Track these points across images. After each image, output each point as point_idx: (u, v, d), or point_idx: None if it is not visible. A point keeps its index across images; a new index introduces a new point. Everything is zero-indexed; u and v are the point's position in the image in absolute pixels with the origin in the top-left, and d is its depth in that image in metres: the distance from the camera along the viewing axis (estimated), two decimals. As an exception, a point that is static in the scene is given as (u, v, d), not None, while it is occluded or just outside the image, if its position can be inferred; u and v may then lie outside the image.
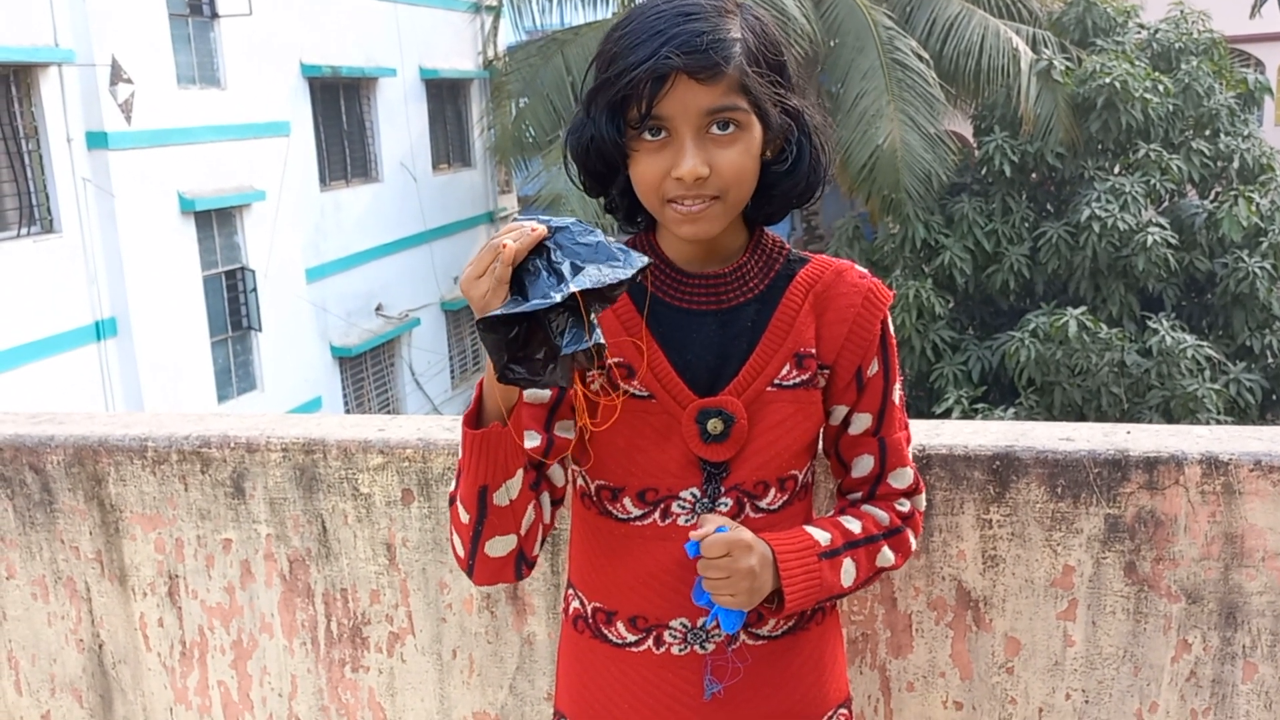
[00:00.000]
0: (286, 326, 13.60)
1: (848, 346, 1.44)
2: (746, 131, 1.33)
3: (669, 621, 1.46)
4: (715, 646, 1.47)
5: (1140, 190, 12.89)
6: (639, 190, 1.38)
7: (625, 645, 1.49)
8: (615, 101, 1.32)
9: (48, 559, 2.26)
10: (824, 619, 1.54)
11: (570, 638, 1.58)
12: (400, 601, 2.07)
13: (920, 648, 1.82)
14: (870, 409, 1.47)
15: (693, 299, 1.44)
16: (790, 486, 1.46)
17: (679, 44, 1.29)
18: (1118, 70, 13.05)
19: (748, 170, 1.35)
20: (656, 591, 1.45)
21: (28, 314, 10.22)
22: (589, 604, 1.53)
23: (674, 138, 1.32)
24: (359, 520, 2.06)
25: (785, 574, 1.37)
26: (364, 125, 16.19)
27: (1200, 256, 13.47)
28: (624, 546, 1.46)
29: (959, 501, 1.75)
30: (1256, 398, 12.83)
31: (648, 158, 1.34)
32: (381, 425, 2.09)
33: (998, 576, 1.76)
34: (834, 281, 1.45)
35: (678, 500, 1.43)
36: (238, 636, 2.18)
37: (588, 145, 1.39)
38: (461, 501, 1.40)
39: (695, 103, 1.30)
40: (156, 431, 2.16)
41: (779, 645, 1.49)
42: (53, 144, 10.55)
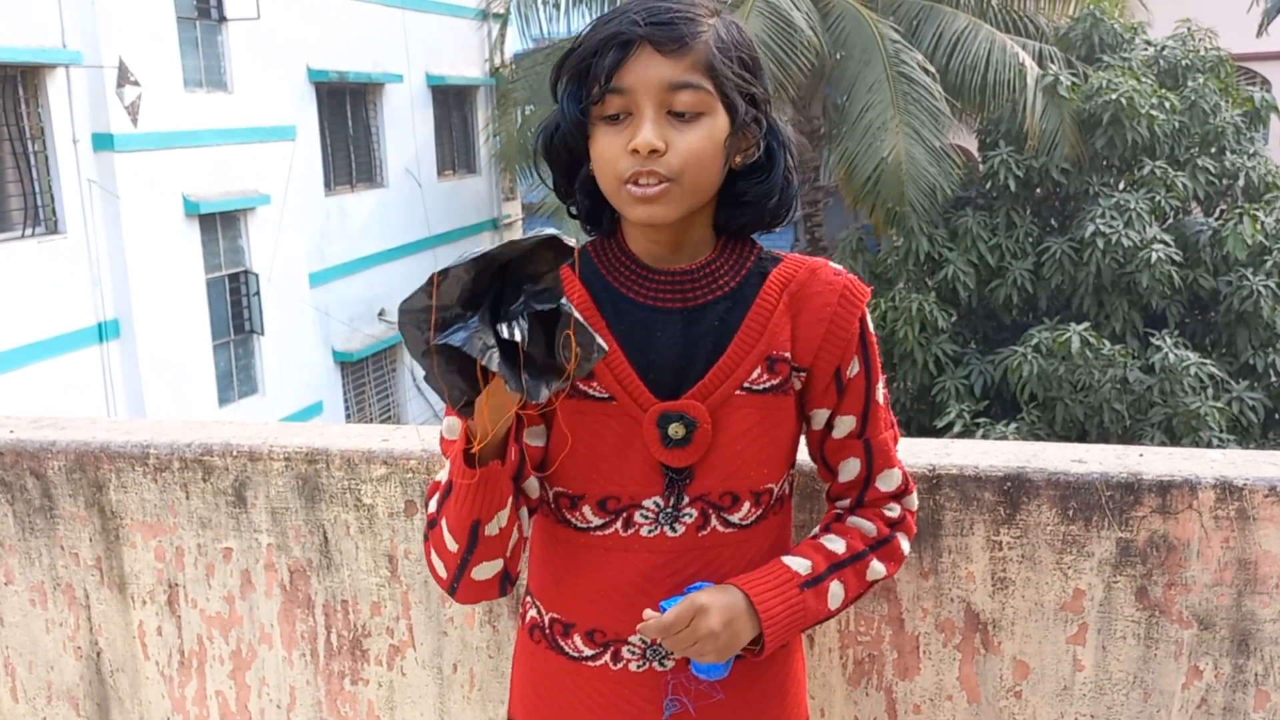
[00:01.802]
0: (289, 331, 13.59)
1: (825, 347, 1.39)
2: (709, 116, 1.31)
3: (628, 637, 1.43)
4: (675, 664, 1.43)
5: (1145, 207, 12.88)
6: (599, 173, 1.35)
7: (582, 659, 1.46)
8: (579, 73, 1.32)
9: (47, 565, 2.24)
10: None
11: (526, 647, 1.54)
12: (401, 614, 2.05)
13: (928, 670, 1.80)
14: (854, 410, 1.43)
15: (658, 295, 1.39)
16: (765, 500, 1.42)
17: (645, 14, 1.28)
18: (1124, 86, 13.04)
19: (707, 154, 1.31)
20: (616, 604, 1.41)
21: (31, 315, 10.21)
22: (546, 614, 1.49)
23: (635, 115, 1.30)
24: (361, 531, 2.04)
25: (764, 613, 1.36)
26: (370, 130, 16.20)
27: (1204, 274, 13.45)
28: (584, 557, 1.43)
29: (969, 522, 1.73)
30: (1259, 416, 12.80)
31: (607, 138, 1.32)
32: (385, 435, 2.07)
33: (1007, 599, 1.74)
34: (809, 280, 1.41)
35: (640, 509, 1.39)
36: (237, 646, 2.16)
37: (553, 135, 1.37)
38: (450, 532, 1.34)
39: (657, 74, 1.29)
40: (159, 438, 2.14)
41: (740, 667, 1.45)
42: (59, 145, 10.55)
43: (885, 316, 12.78)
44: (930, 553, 1.75)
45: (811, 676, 1.85)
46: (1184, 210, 13.93)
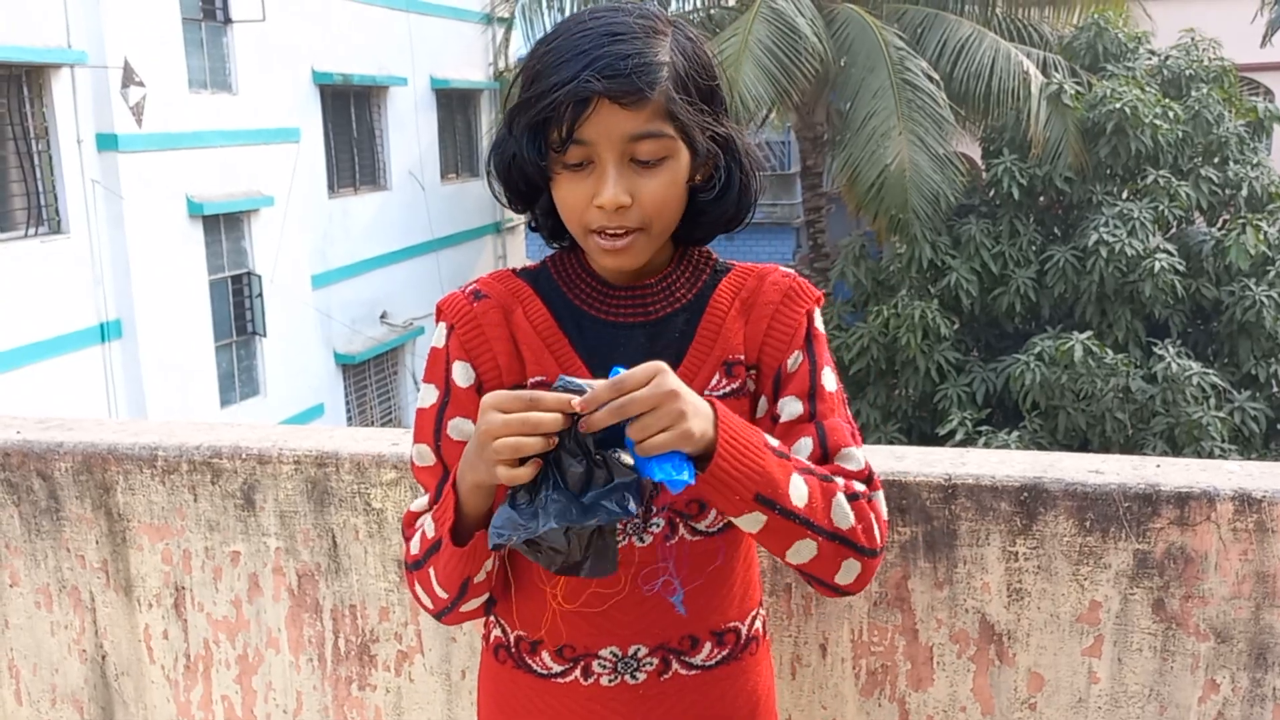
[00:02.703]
0: (291, 332, 13.59)
1: (768, 343, 1.39)
2: (672, 160, 1.29)
3: (598, 650, 1.40)
4: (647, 676, 1.40)
5: (1148, 216, 12.88)
6: (563, 215, 1.34)
7: (551, 676, 1.43)
8: (536, 123, 1.28)
9: (52, 567, 2.23)
10: (756, 649, 1.48)
11: (491, 668, 1.51)
12: (410, 620, 2.04)
13: (941, 681, 1.79)
14: (798, 393, 1.38)
15: (620, 311, 1.40)
16: None
17: (601, 67, 1.24)
18: (1128, 96, 13.05)
19: (672, 201, 1.31)
20: (585, 618, 1.39)
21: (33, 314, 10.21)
22: (512, 633, 1.46)
23: (597, 164, 1.28)
24: (370, 536, 2.02)
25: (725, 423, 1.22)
26: (374, 133, 16.20)
27: (1207, 284, 13.45)
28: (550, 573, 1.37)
29: (984, 533, 1.72)
30: (1261, 427, 12.79)
31: (570, 185, 1.30)
32: (395, 439, 2.06)
33: (1022, 610, 1.73)
34: (757, 285, 1.41)
35: None
36: (243, 651, 2.15)
37: (509, 163, 1.35)
38: (439, 584, 1.36)
39: (618, 128, 1.26)
40: (167, 440, 2.13)
41: (711, 676, 1.43)
42: (63, 145, 10.55)
43: (888, 323, 12.79)
44: (945, 563, 1.74)
45: (823, 687, 1.84)
46: (1187, 220, 13.93)
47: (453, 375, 1.41)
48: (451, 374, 1.41)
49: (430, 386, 1.44)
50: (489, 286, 1.44)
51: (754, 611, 1.47)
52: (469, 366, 1.40)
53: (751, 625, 1.47)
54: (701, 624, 1.41)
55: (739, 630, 1.45)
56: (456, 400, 1.41)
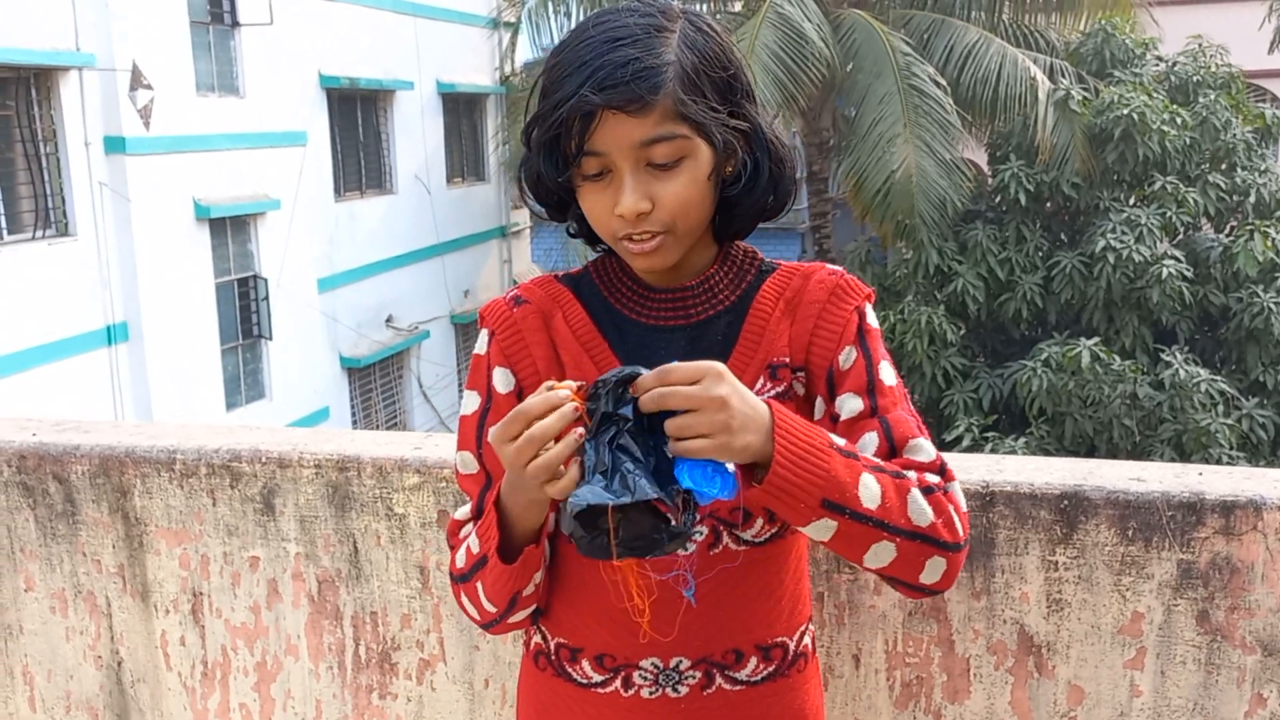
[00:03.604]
0: (297, 336, 13.57)
1: (815, 343, 1.35)
2: (691, 159, 1.26)
3: (639, 661, 1.36)
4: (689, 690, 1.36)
5: (1156, 222, 12.84)
6: (592, 225, 1.33)
7: (591, 686, 1.39)
8: (550, 139, 1.27)
9: (68, 572, 2.19)
10: (805, 665, 1.44)
11: (531, 675, 1.48)
12: (432, 627, 2.00)
13: (978, 693, 1.75)
14: (856, 389, 1.33)
15: (660, 314, 1.37)
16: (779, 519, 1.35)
17: (601, 78, 1.21)
18: (1135, 102, 13.01)
19: (694, 200, 1.28)
20: (625, 628, 1.35)
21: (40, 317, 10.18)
22: (552, 640, 1.43)
23: (615, 173, 1.26)
24: (392, 541, 1.99)
25: (783, 431, 1.16)
26: (380, 137, 16.19)
27: (1215, 290, 13.41)
28: (592, 578, 1.36)
29: (1023, 542, 1.68)
30: (1269, 434, 12.74)
31: (593, 196, 1.29)
32: (417, 443, 2.03)
33: (1062, 621, 1.69)
34: (802, 285, 1.37)
35: None
36: (262, 658, 2.12)
37: (535, 179, 1.34)
38: (487, 598, 1.36)
39: (627, 136, 1.23)
40: (185, 443, 2.10)
41: (757, 693, 1.39)
42: (70, 148, 10.54)
43: (894, 329, 12.74)
44: (982, 572, 1.71)
45: (856, 699, 1.80)
46: (1194, 226, 13.89)
47: (494, 382, 1.39)
48: (493, 380, 1.39)
49: (472, 393, 1.42)
50: (530, 292, 1.42)
51: (803, 627, 1.43)
52: (509, 373, 1.39)
53: (800, 641, 1.43)
54: (746, 637, 1.37)
55: (786, 645, 1.41)
56: (498, 407, 1.39)
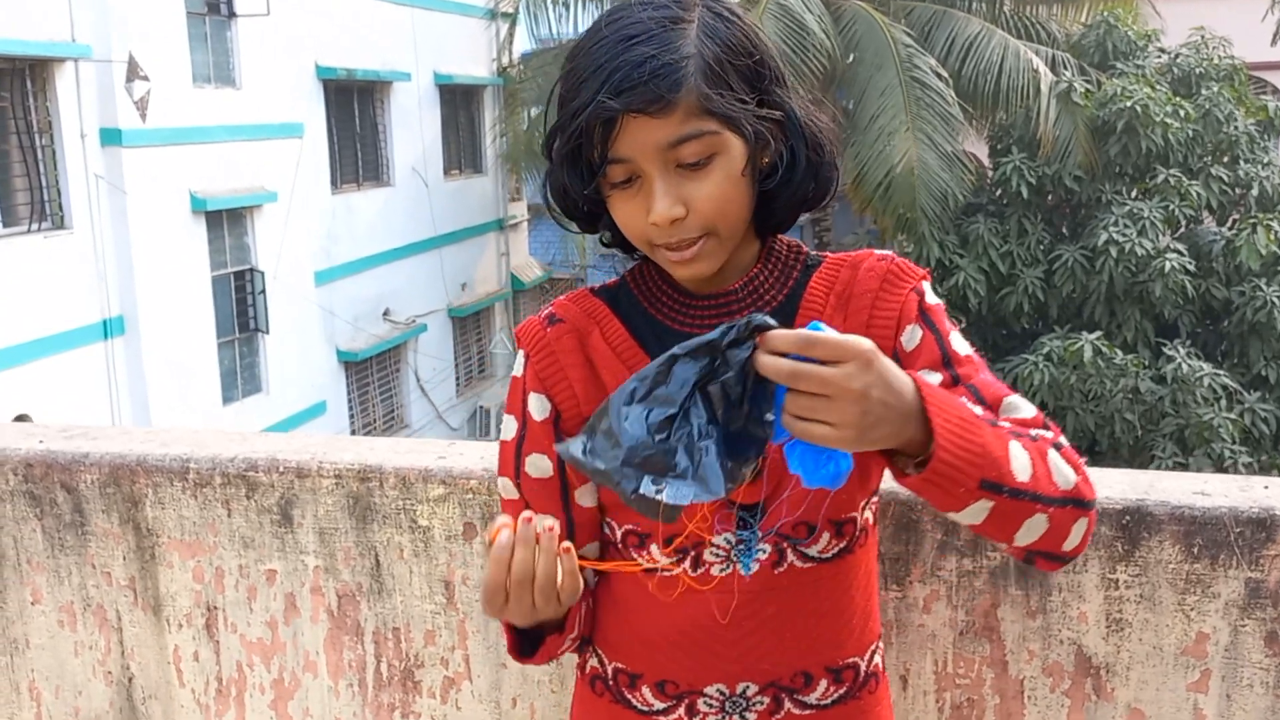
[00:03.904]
0: (294, 329, 13.47)
1: (871, 333, 1.22)
2: (722, 155, 1.17)
3: (703, 688, 1.29)
4: (756, 717, 1.29)
5: (1159, 216, 12.79)
6: (627, 235, 1.25)
7: (652, 713, 1.32)
8: (572, 151, 1.19)
9: (77, 584, 2.11)
10: (876, 686, 1.36)
11: (587, 700, 1.41)
12: (457, 644, 1.93)
13: (1032, 716, 1.68)
14: (930, 365, 1.24)
15: (704, 322, 1.28)
16: (848, 531, 1.29)
17: (618, 81, 1.13)
18: (1139, 94, 12.95)
19: (731, 198, 1.19)
20: (688, 653, 1.29)
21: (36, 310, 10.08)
22: (609, 664, 1.36)
23: (643, 178, 1.18)
24: (416, 555, 1.91)
25: (936, 410, 1.04)
26: (377, 129, 16.09)
27: (1217, 284, 13.37)
28: (651, 599, 1.29)
29: (1082, 559, 1.61)
30: (1271, 428, 12.70)
31: (623, 205, 1.21)
32: (441, 453, 1.95)
33: (1123, 642, 1.62)
34: (851, 276, 1.28)
35: (710, 548, 1.27)
36: (279, 675, 2.04)
37: (562, 193, 1.26)
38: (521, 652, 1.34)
39: (652, 139, 1.15)
40: (199, 452, 2.02)
41: (828, 717, 1.31)
42: (66, 140, 10.43)
43: (896, 323, 12.65)
44: (1039, 591, 1.63)
45: None
46: (1196, 220, 13.84)
47: (529, 408, 1.32)
48: (528, 406, 1.32)
49: (510, 418, 1.35)
50: (564, 309, 1.34)
51: (874, 645, 1.36)
52: (544, 399, 1.31)
53: (871, 660, 1.35)
54: (816, 659, 1.30)
55: (857, 666, 1.33)
56: (533, 435, 1.32)
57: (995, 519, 1.10)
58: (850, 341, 1.00)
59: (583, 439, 1.07)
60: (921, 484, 1.06)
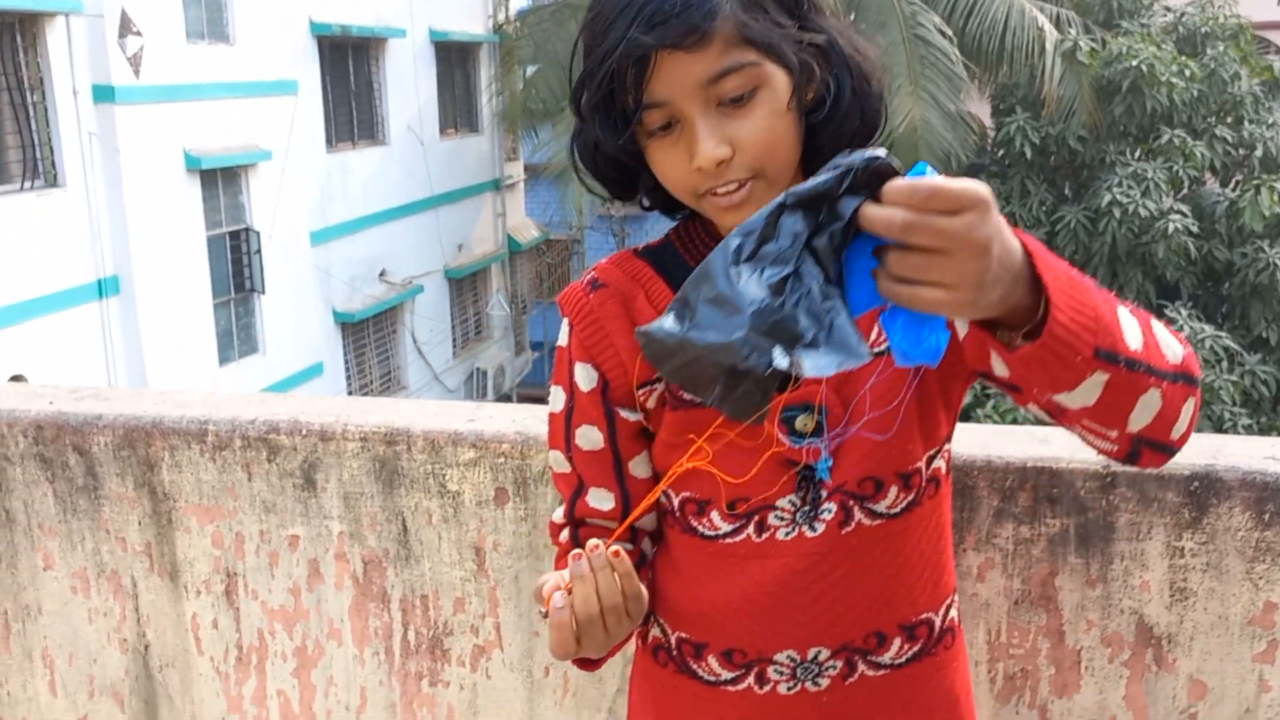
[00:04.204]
0: (290, 290, 13.35)
1: None
2: (766, 88, 1.09)
3: (773, 655, 1.23)
4: (830, 682, 1.22)
5: (1162, 177, 12.68)
6: (669, 187, 1.16)
7: (719, 683, 1.26)
8: (603, 99, 1.11)
9: (90, 550, 2.05)
10: (952, 641, 1.30)
11: (648, 670, 1.35)
12: (488, 611, 1.87)
13: (1089, 687, 1.62)
14: None
15: None
16: (915, 483, 1.21)
17: (650, 14, 1.05)
18: (1144, 53, 12.80)
19: (779, 134, 1.10)
20: (755, 619, 1.22)
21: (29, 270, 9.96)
22: (673, 633, 1.30)
23: (683, 122, 1.10)
24: (445, 520, 1.85)
25: (1047, 269, 0.91)
26: (372, 87, 15.87)
27: (1219, 246, 13.29)
28: (716, 567, 1.24)
29: (1146, 526, 1.54)
30: (1271, 390, 12.67)
31: (663, 155, 1.13)
32: (471, 415, 1.87)
33: (1186, 611, 1.56)
34: None
35: (774, 511, 1.20)
36: (302, 643, 1.98)
37: (594, 152, 1.17)
38: None
39: (689, 76, 1.07)
40: (217, 414, 1.94)
41: (903, 675, 1.25)
42: (58, 96, 10.26)
43: (897, 284, 12.58)
44: (1099, 559, 1.57)
45: (953, 690, 1.67)
46: (1199, 181, 13.74)
47: (575, 379, 1.25)
48: (574, 377, 1.25)
49: (558, 389, 1.28)
50: (607, 273, 1.26)
51: (948, 599, 1.29)
52: (590, 368, 1.24)
53: (946, 615, 1.28)
54: (889, 617, 1.23)
55: (932, 622, 1.26)
56: (581, 407, 1.26)
57: (1110, 396, 0.97)
58: (970, 187, 0.86)
59: (673, 315, 0.90)
60: (1033, 356, 0.93)
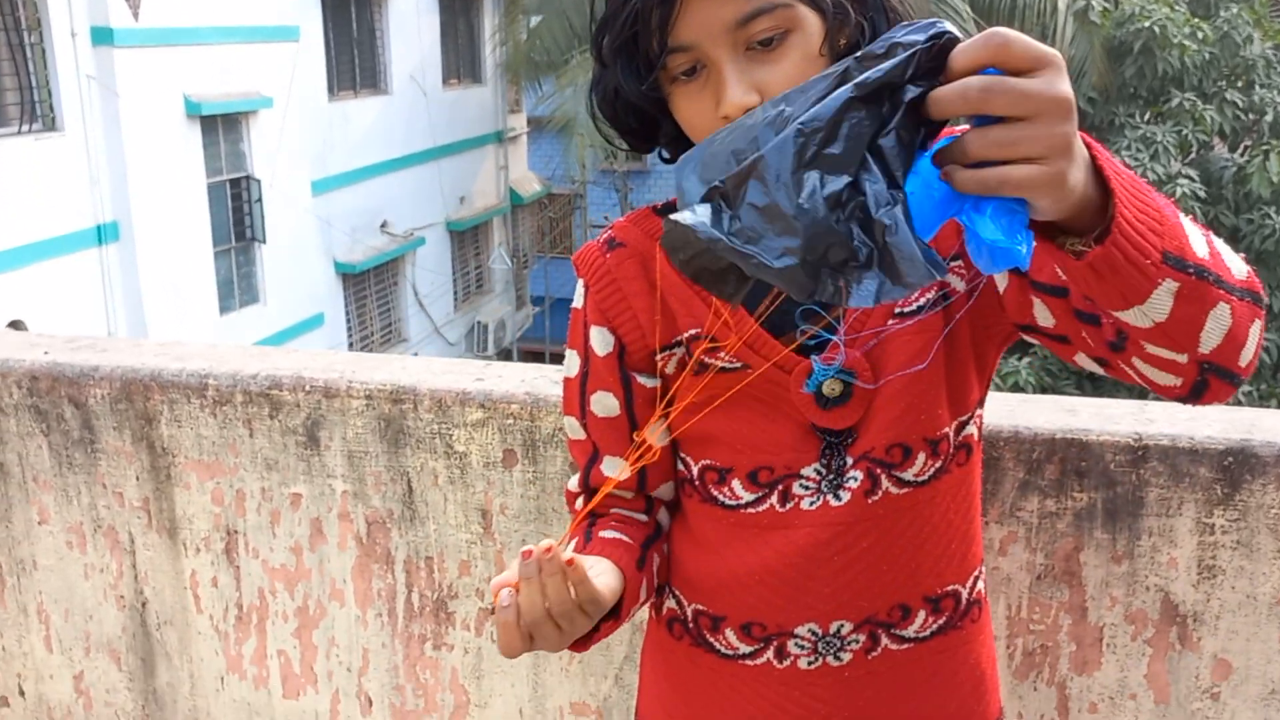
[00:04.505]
0: (290, 240, 13.26)
1: None
2: (798, 32, 1.02)
3: (794, 629, 1.18)
4: (853, 656, 1.18)
5: (1172, 140, 12.56)
6: (692, 138, 1.09)
7: (737, 657, 1.22)
8: (625, 41, 1.04)
9: (86, 504, 2.00)
10: (979, 614, 1.25)
11: (662, 642, 1.30)
12: (494, 575, 1.82)
13: (1110, 665, 1.58)
14: None
15: None
16: (944, 449, 1.16)
17: None
18: (1157, 14, 12.64)
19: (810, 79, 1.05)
20: (776, 591, 1.17)
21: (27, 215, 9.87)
22: (689, 605, 1.25)
23: (710, 67, 1.03)
24: (451, 482, 1.80)
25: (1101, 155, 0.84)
26: (374, 34, 15.68)
27: (1225, 211, 13.17)
28: (735, 537, 1.19)
29: (1176, 502, 1.50)
30: (1272, 358, 12.62)
31: (687, 102, 1.06)
32: (479, 374, 1.82)
33: (1213, 590, 1.52)
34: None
35: (799, 480, 1.15)
36: (303, 603, 1.94)
37: (614, 100, 1.11)
38: None
39: (717, 17, 1.00)
40: (218, 368, 1.89)
41: (927, 649, 1.20)
42: (56, 38, 10.11)
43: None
44: (1126, 534, 1.52)
45: (969, 664, 1.64)
46: (1208, 145, 13.61)
47: (591, 343, 1.20)
48: (590, 341, 1.20)
49: (573, 353, 1.23)
50: (625, 231, 1.20)
51: (976, 571, 1.23)
52: (607, 332, 1.19)
53: (973, 588, 1.23)
54: (914, 590, 1.18)
55: (959, 594, 1.21)
56: (596, 372, 1.21)
57: (1181, 309, 0.89)
58: (1037, 44, 0.77)
59: (710, 209, 0.80)
60: (1103, 260, 0.84)
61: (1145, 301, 0.89)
